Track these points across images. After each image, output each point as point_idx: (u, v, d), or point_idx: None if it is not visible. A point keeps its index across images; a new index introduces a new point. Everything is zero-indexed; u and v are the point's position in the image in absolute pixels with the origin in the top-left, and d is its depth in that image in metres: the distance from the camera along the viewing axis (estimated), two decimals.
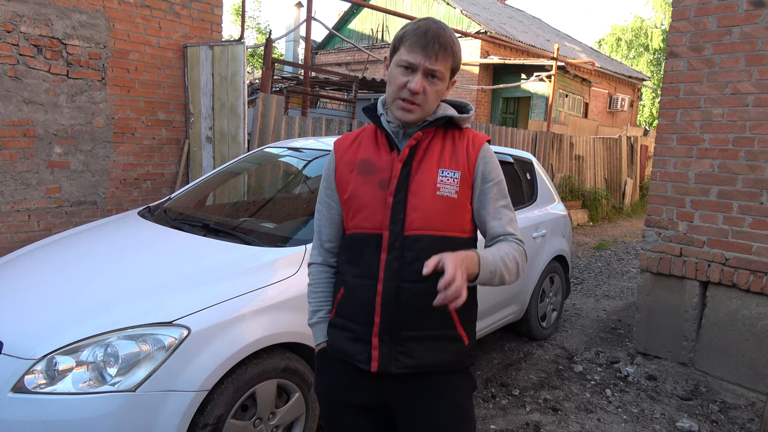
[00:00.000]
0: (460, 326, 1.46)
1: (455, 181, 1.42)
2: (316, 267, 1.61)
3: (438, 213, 1.41)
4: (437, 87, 1.40)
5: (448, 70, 1.41)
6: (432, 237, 1.40)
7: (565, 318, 4.95)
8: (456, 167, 1.44)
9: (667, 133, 3.76)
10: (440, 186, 1.41)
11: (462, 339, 1.47)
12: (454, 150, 1.46)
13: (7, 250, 3.75)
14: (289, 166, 3.65)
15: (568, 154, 10.58)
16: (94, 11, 4.53)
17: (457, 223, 1.44)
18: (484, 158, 1.47)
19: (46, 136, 4.39)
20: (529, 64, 13.98)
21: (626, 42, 30.95)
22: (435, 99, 1.42)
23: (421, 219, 1.40)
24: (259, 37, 28.51)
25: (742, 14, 3.39)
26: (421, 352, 1.41)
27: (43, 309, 2.15)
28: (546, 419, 3.15)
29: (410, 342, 1.41)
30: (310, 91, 8.29)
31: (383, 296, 1.40)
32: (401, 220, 1.40)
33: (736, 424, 3.21)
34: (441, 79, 1.40)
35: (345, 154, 1.53)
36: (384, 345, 1.41)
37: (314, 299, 1.59)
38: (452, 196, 1.42)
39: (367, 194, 1.44)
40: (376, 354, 1.41)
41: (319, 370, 1.56)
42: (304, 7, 7.80)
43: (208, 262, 2.41)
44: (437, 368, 1.44)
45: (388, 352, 1.41)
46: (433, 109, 1.44)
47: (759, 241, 3.36)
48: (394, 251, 1.40)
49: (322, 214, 1.58)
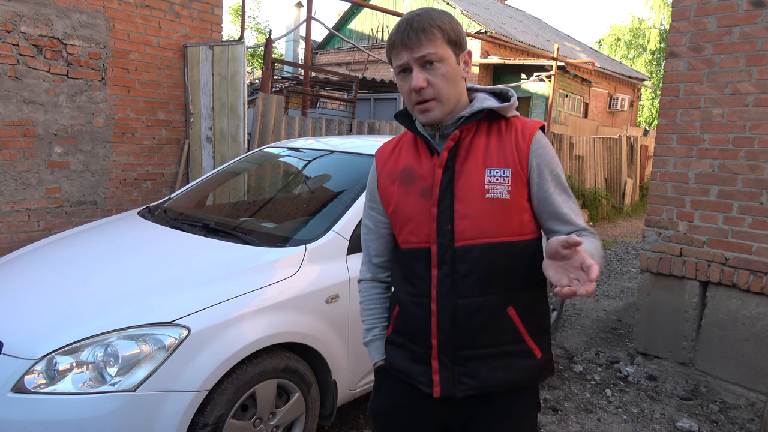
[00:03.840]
0: (529, 339, 1.31)
1: (506, 180, 1.26)
2: (366, 283, 1.52)
3: (490, 218, 1.26)
4: (442, 71, 1.24)
5: (444, 47, 1.24)
6: (486, 245, 1.26)
7: (565, 318, 4.94)
8: (505, 164, 1.27)
9: (667, 133, 3.76)
10: (489, 188, 1.26)
11: (533, 353, 1.32)
12: (501, 145, 1.29)
13: (7, 250, 3.75)
14: (289, 166, 3.65)
15: (568, 154, 10.58)
16: (94, 11, 4.53)
17: (514, 225, 1.28)
18: (537, 150, 1.28)
19: (46, 136, 4.39)
20: (529, 64, 13.98)
21: (625, 42, 30.97)
22: (450, 85, 1.26)
23: (472, 227, 1.26)
24: (259, 37, 28.50)
25: (742, 14, 3.39)
26: (486, 372, 1.29)
27: (43, 309, 2.15)
28: (546, 419, 3.14)
29: (473, 362, 1.29)
30: (310, 91, 8.29)
31: (438, 316, 1.29)
32: (449, 230, 1.27)
33: (736, 424, 3.21)
34: (440, 60, 1.23)
35: (386, 163, 1.42)
36: (444, 368, 1.30)
37: (367, 317, 1.50)
38: (504, 197, 1.25)
39: (410, 206, 1.33)
40: (437, 378, 1.30)
41: (377, 389, 1.48)
42: (304, 7, 7.80)
43: (208, 262, 2.41)
44: (505, 387, 1.32)
45: (449, 376, 1.30)
46: (456, 97, 1.29)
47: (759, 241, 3.36)
48: (445, 266, 1.28)
49: (368, 228, 1.48)
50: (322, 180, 3.24)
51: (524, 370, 1.31)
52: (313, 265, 2.46)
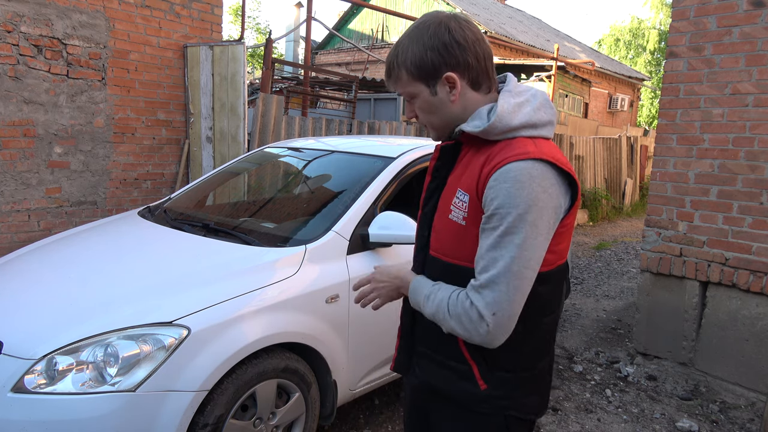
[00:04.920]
0: (474, 365, 1.26)
1: (464, 205, 1.22)
2: None
3: (448, 238, 1.27)
4: (418, 104, 1.27)
5: (412, 84, 1.24)
6: (446, 264, 1.28)
7: (565, 318, 4.94)
8: (467, 189, 1.22)
9: (667, 133, 3.76)
10: (452, 208, 1.25)
11: (475, 380, 1.26)
12: (471, 167, 1.24)
13: (7, 250, 3.75)
14: (289, 166, 3.65)
15: (568, 154, 10.57)
16: (94, 11, 4.53)
17: (465, 252, 1.23)
18: (495, 186, 1.15)
19: (46, 136, 4.39)
20: (529, 64, 13.99)
21: (625, 42, 30.99)
22: (431, 115, 1.28)
23: (437, 241, 1.31)
24: (259, 37, 28.52)
25: (742, 14, 3.39)
26: (429, 373, 1.36)
27: (43, 309, 2.15)
28: (546, 419, 3.14)
29: (422, 358, 1.40)
30: (310, 91, 8.29)
31: (404, 305, 1.45)
32: (426, 236, 1.35)
33: (736, 424, 3.21)
34: (413, 97, 1.26)
35: None
36: (403, 352, 1.47)
37: None
38: (459, 222, 1.23)
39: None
40: (395, 355, 1.49)
41: None
42: (304, 7, 7.80)
43: (208, 262, 2.41)
44: (446, 393, 1.32)
45: (404, 360, 1.46)
46: (446, 121, 1.28)
47: (759, 241, 3.36)
48: (419, 268, 1.39)
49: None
50: (322, 180, 3.24)
51: (462, 392, 1.28)
52: (313, 265, 2.46)
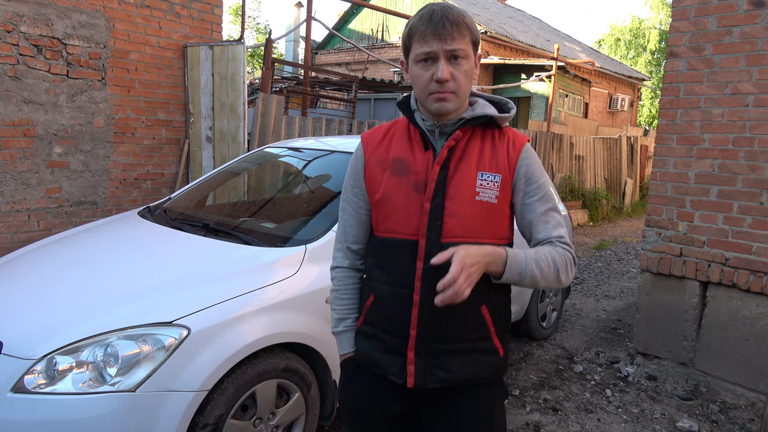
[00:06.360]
0: (496, 337, 1.38)
1: (496, 185, 1.33)
2: (342, 271, 1.50)
3: (476, 219, 1.32)
4: (464, 67, 1.29)
5: (469, 45, 1.29)
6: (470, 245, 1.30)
7: (565, 318, 4.94)
8: (497, 170, 1.34)
9: (667, 133, 3.76)
10: (479, 190, 1.32)
11: (497, 350, 1.39)
12: (495, 151, 1.36)
13: (7, 250, 3.75)
14: (289, 166, 3.65)
15: (568, 154, 10.57)
16: (94, 11, 4.53)
17: (496, 229, 1.35)
18: (526, 159, 1.36)
19: (46, 136, 4.39)
20: (529, 64, 13.99)
21: (625, 42, 30.98)
22: (467, 81, 1.31)
23: (459, 226, 1.31)
24: (259, 37, 28.52)
25: (742, 14, 3.39)
26: (456, 366, 1.34)
27: (43, 309, 2.15)
28: (546, 419, 3.14)
29: (445, 355, 1.34)
30: (310, 91, 8.29)
31: (420, 308, 1.31)
32: (439, 227, 1.31)
33: (736, 424, 3.21)
34: (465, 57, 1.29)
35: (376, 151, 1.42)
36: (420, 359, 1.34)
37: (340, 306, 1.50)
38: (492, 201, 1.32)
39: (401, 196, 1.34)
40: (412, 369, 1.34)
41: (346, 381, 1.49)
42: (304, 7, 7.80)
43: (208, 262, 2.41)
44: (472, 381, 1.38)
45: (423, 367, 1.34)
46: (467, 93, 1.34)
47: (759, 241, 3.36)
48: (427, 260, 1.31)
49: (348, 213, 1.47)
50: (322, 180, 3.24)
51: (489, 366, 1.39)
52: (313, 265, 2.45)
